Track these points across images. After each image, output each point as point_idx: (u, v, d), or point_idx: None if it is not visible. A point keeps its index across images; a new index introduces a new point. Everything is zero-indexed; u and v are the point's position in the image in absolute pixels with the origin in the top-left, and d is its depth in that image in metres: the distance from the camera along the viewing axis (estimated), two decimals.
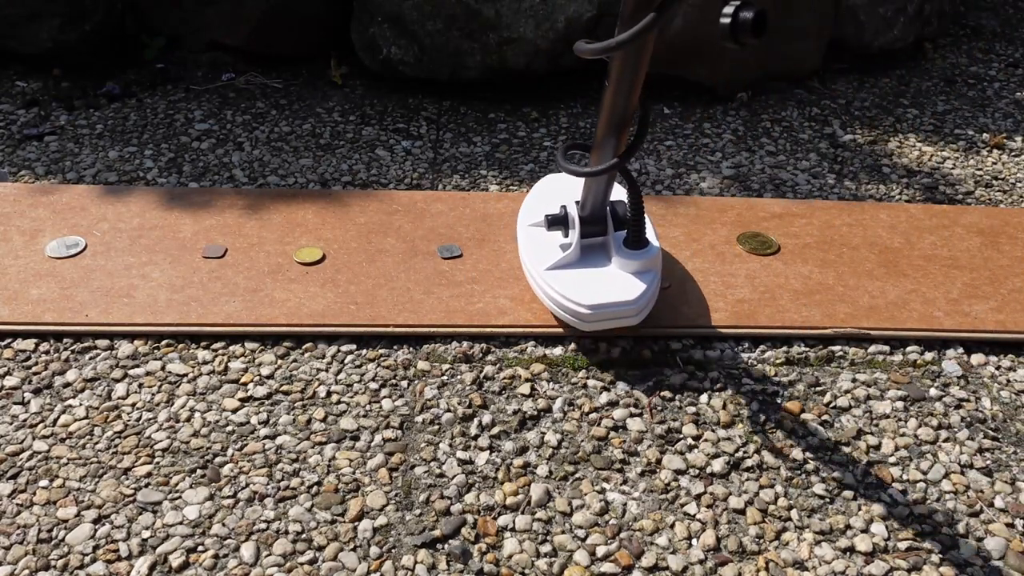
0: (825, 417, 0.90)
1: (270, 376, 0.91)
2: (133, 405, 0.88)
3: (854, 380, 0.94)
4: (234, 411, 0.87)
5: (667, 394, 0.92)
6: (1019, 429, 0.90)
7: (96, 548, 0.74)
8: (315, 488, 0.80)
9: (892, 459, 0.86)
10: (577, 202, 0.98)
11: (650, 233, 0.99)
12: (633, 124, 0.85)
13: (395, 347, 0.96)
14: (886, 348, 0.98)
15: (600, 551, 0.76)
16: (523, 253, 1.03)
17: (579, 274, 0.96)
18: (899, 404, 0.92)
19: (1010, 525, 0.79)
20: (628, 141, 0.87)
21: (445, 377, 0.92)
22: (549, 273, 0.96)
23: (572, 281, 0.95)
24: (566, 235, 0.99)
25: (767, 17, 0.66)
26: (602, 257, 0.98)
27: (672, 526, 0.78)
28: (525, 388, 0.91)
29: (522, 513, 0.79)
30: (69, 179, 1.24)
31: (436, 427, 0.87)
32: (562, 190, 1.08)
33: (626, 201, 0.95)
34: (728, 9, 0.66)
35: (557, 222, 0.98)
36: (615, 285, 0.94)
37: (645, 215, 0.96)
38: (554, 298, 0.95)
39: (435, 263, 1.07)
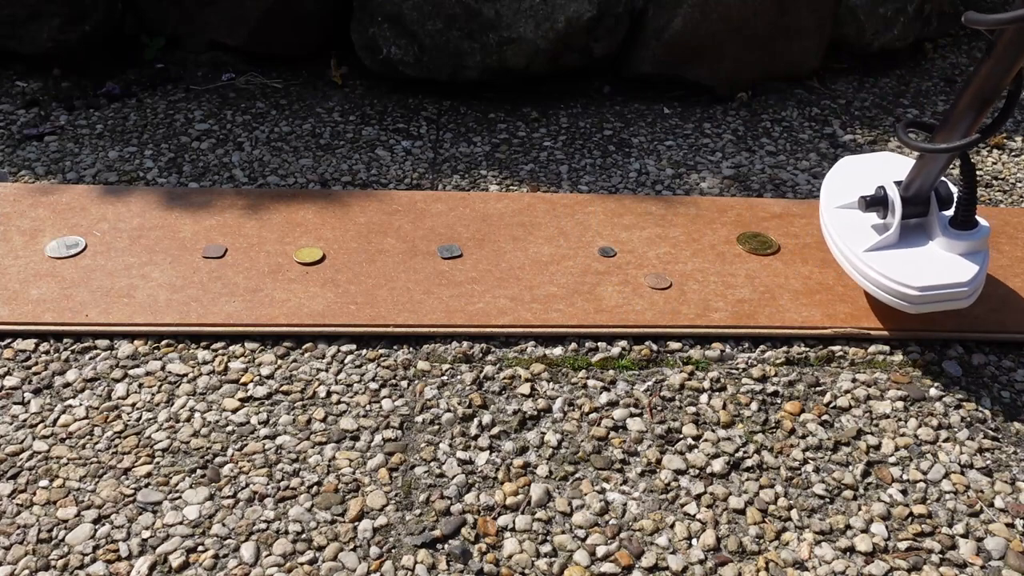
0: (825, 417, 0.90)
1: (270, 376, 0.91)
2: (133, 405, 0.88)
3: (854, 380, 0.94)
4: (234, 411, 0.87)
5: (667, 394, 0.92)
6: (1019, 429, 0.90)
7: (96, 548, 0.74)
8: (315, 488, 0.80)
9: (892, 459, 0.86)
10: (897, 183, 0.96)
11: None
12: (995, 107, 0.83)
13: (395, 347, 0.96)
14: (886, 348, 0.98)
15: (600, 551, 0.76)
16: (833, 235, 1.00)
17: (903, 254, 0.93)
18: (899, 404, 0.92)
19: (1010, 525, 0.79)
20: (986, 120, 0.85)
21: (445, 377, 0.92)
22: (870, 255, 0.94)
23: (897, 262, 0.92)
24: (883, 216, 0.97)
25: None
26: (920, 238, 0.96)
27: (672, 526, 0.78)
28: (525, 388, 0.91)
29: (522, 513, 0.79)
30: (69, 179, 1.24)
31: (436, 427, 0.87)
32: (867, 172, 1.06)
33: (946, 180, 0.92)
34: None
35: (876, 203, 0.96)
36: (945, 266, 0.91)
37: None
38: (877, 280, 0.92)
39: (435, 263, 1.07)
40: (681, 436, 0.87)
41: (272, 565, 0.73)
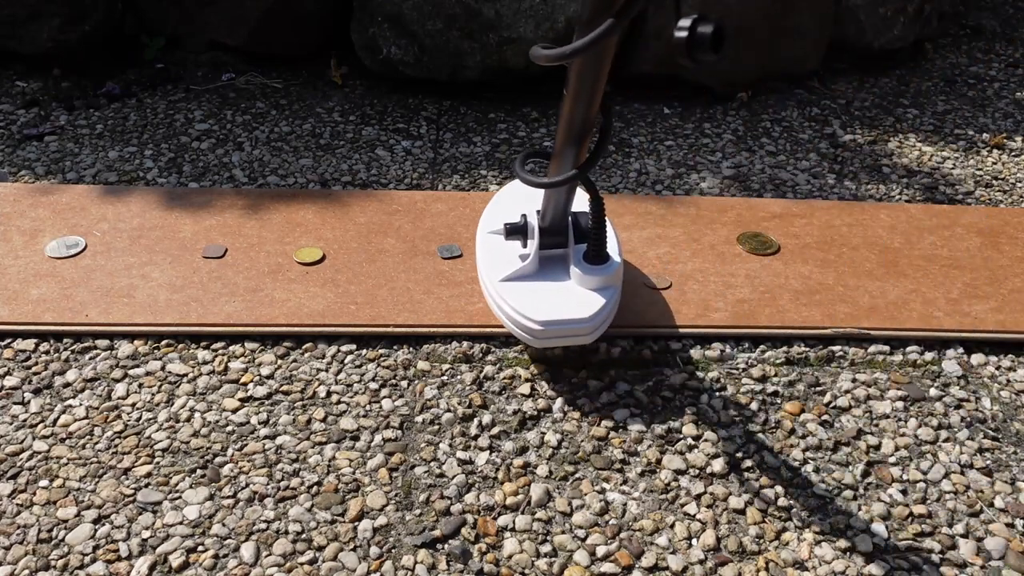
0: (825, 417, 0.90)
1: (270, 376, 0.91)
2: (133, 405, 0.88)
3: (854, 380, 0.94)
4: (234, 411, 0.87)
5: (667, 394, 0.92)
6: (1019, 429, 0.90)
7: (96, 548, 0.74)
8: (315, 488, 0.80)
9: (892, 459, 0.86)
10: (538, 211, 0.94)
11: (613, 247, 0.94)
12: (595, 134, 0.81)
13: (395, 347, 0.96)
14: (886, 348, 0.98)
15: (600, 551, 0.76)
16: (479, 261, 0.99)
17: (535, 287, 0.92)
18: (899, 404, 0.92)
19: (1010, 525, 0.79)
20: (589, 150, 0.83)
21: (445, 377, 0.92)
22: (503, 285, 0.93)
23: (526, 294, 0.91)
24: (525, 245, 0.95)
25: (725, 32, 0.61)
26: (560, 271, 0.94)
27: (672, 526, 0.78)
28: (525, 388, 0.91)
29: (522, 513, 0.79)
30: (69, 179, 1.24)
31: (436, 427, 0.87)
32: (527, 197, 1.04)
33: (587, 213, 0.90)
34: (684, 23, 0.61)
35: (516, 231, 0.94)
36: (571, 301, 0.90)
37: (608, 227, 0.92)
38: (506, 311, 0.91)
39: (435, 263, 1.07)
40: (681, 436, 0.87)
41: (272, 565, 0.73)
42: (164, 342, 0.95)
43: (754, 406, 0.91)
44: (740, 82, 1.54)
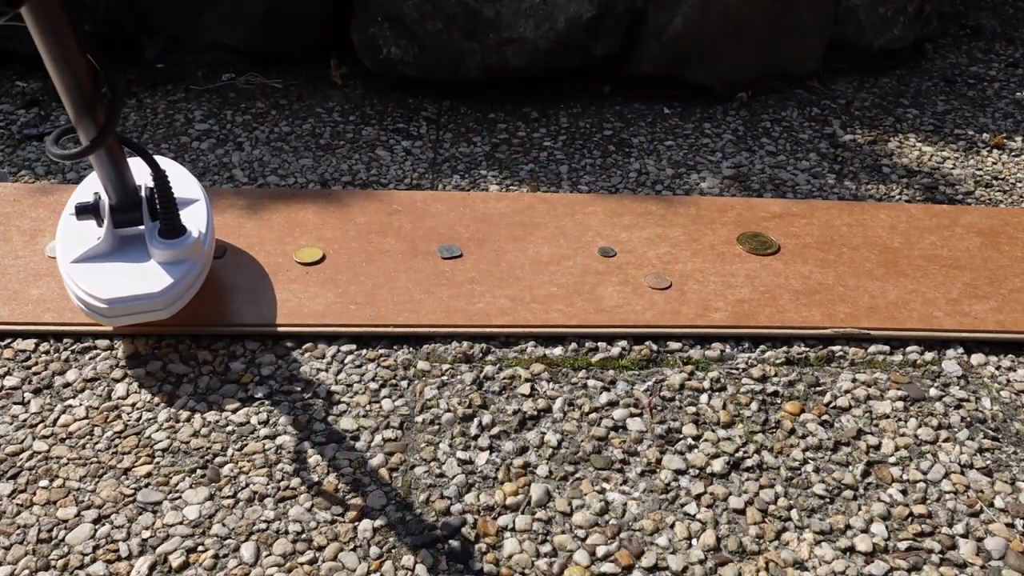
0: (825, 417, 0.90)
1: (270, 376, 0.91)
2: (133, 405, 0.88)
3: (854, 380, 0.94)
4: (234, 411, 0.87)
5: (667, 394, 0.92)
6: (1019, 429, 0.90)
7: (96, 548, 0.74)
8: (315, 488, 0.80)
9: (892, 459, 0.86)
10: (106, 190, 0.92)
11: (198, 220, 0.92)
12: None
13: (395, 347, 0.96)
14: (886, 348, 0.98)
15: (600, 551, 0.76)
16: (56, 245, 0.95)
17: (106, 267, 0.89)
18: (899, 404, 0.92)
19: (1010, 525, 0.79)
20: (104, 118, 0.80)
21: (445, 377, 0.92)
22: (74, 266, 0.90)
23: (96, 274, 0.88)
24: (100, 224, 0.92)
25: None
26: (140, 249, 0.91)
27: (672, 526, 0.78)
28: (525, 388, 0.91)
29: (522, 513, 0.79)
30: (69, 179, 1.24)
31: (436, 427, 0.87)
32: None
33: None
34: None
35: (86, 211, 0.91)
36: (141, 277, 0.88)
37: (197, 201, 0.90)
38: (75, 292, 0.88)
39: (435, 263, 1.07)
40: (681, 436, 0.87)
41: (272, 565, 0.73)
42: (164, 342, 0.95)
43: (754, 406, 0.91)
44: (740, 82, 1.54)
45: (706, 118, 1.48)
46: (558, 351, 0.96)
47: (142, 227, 0.92)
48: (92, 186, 0.99)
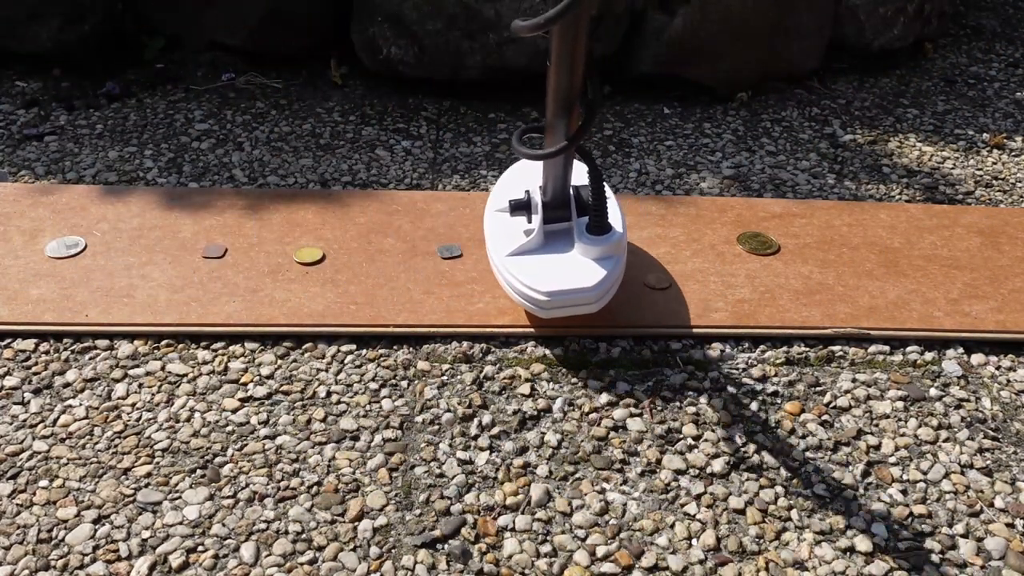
0: (825, 417, 0.90)
1: (270, 376, 0.91)
2: (133, 405, 0.88)
3: (854, 380, 0.94)
4: (234, 411, 0.87)
5: (667, 394, 0.92)
6: (1019, 429, 0.90)
7: (96, 548, 0.74)
8: (315, 488, 0.80)
9: (892, 459, 0.86)
10: (541, 187, 0.96)
11: (616, 218, 0.96)
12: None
13: (395, 347, 0.96)
14: (886, 348, 0.98)
15: (600, 551, 0.76)
16: (487, 239, 1.01)
17: (540, 260, 0.94)
18: (899, 404, 0.92)
19: (1010, 525, 0.79)
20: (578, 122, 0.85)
21: (445, 377, 0.92)
22: (510, 259, 0.95)
23: (532, 267, 0.93)
24: (530, 220, 0.97)
25: None
26: (567, 243, 0.96)
27: (672, 526, 0.78)
28: (525, 388, 0.91)
29: (522, 513, 0.79)
30: (69, 179, 1.24)
31: (436, 427, 0.87)
32: (531, 175, 1.05)
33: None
34: None
35: (520, 207, 0.96)
36: (574, 272, 0.92)
37: (609, 199, 0.94)
38: (513, 285, 0.93)
39: (435, 263, 1.07)
40: (681, 436, 0.87)
41: (272, 565, 0.73)
42: (164, 342, 0.95)
43: (754, 406, 0.91)
44: (740, 82, 1.54)
45: (706, 118, 1.48)
46: (558, 351, 0.96)
47: (568, 223, 0.96)
48: (513, 183, 1.05)
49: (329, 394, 0.90)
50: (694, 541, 0.77)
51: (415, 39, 1.44)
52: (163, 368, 0.92)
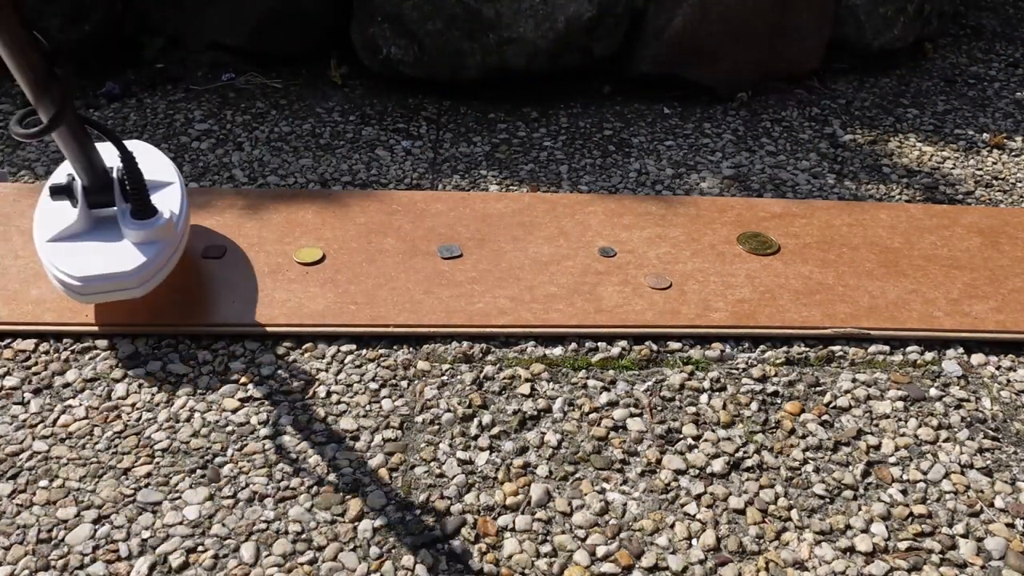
0: (825, 417, 0.90)
1: (270, 376, 0.91)
2: (133, 405, 0.88)
3: (854, 380, 0.94)
4: (234, 411, 0.87)
5: (667, 394, 0.92)
6: (1019, 429, 0.90)
7: (96, 548, 0.74)
8: (315, 488, 0.80)
9: (892, 459, 0.86)
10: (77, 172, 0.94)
11: (171, 202, 0.94)
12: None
13: (395, 347, 0.96)
14: (886, 348, 0.98)
15: (600, 551, 0.76)
16: (34, 225, 0.97)
17: (81, 247, 0.92)
18: (899, 404, 0.92)
19: (1010, 525, 0.79)
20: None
21: (445, 377, 0.92)
22: (50, 245, 0.92)
23: (70, 253, 0.91)
24: (75, 205, 0.94)
25: None
26: (114, 230, 0.94)
27: (672, 526, 0.78)
28: (525, 388, 0.91)
29: (522, 513, 0.79)
30: None
31: (436, 427, 0.87)
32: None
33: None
34: None
35: (61, 191, 0.93)
36: (115, 256, 0.90)
37: (172, 183, 0.92)
38: (51, 271, 0.91)
39: (435, 263, 1.07)
40: (681, 436, 0.87)
41: (272, 565, 0.73)
42: (164, 342, 0.95)
43: (754, 406, 0.91)
44: (740, 82, 1.54)
45: (706, 118, 1.48)
46: (558, 351, 0.96)
47: (115, 208, 0.94)
48: (68, 168, 1.01)
49: (329, 394, 0.90)
50: (694, 541, 0.77)
51: (415, 39, 1.44)
52: (163, 368, 0.92)
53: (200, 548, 0.74)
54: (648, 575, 0.74)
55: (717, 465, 0.84)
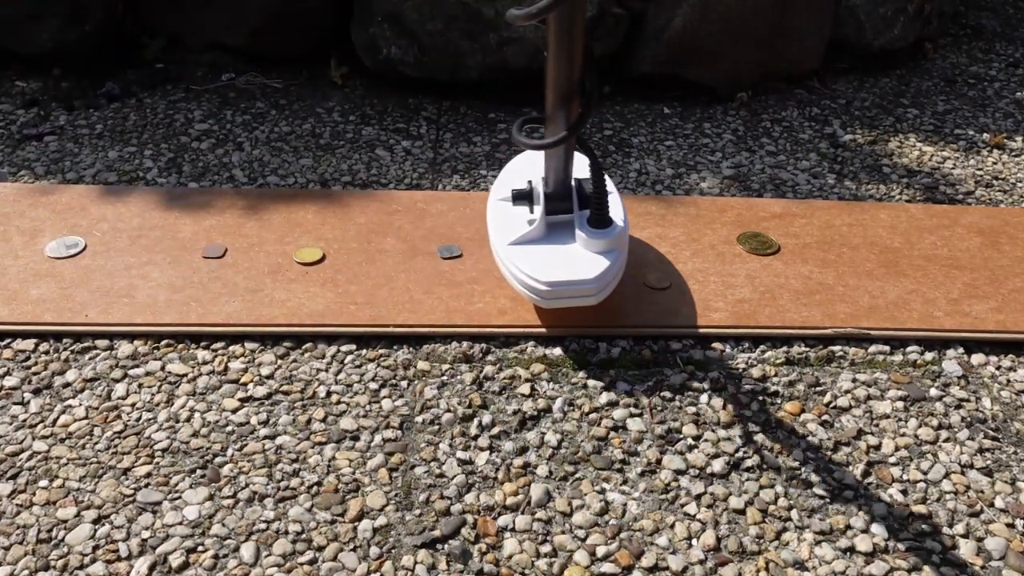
0: (825, 417, 0.90)
1: (270, 376, 0.91)
2: (133, 405, 0.88)
3: (854, 380, 0.94)
4: (234, 411, 0.87)
5: (667, 394, 0.92)
6: (1019, 429, 0.90)
7: (96, 548, 0.74)
8: (315, 488, 0.80)
9: (892, 459, 0.86)
10: (544, 178, 0.97)
11: (618, 212, 0.97)
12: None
13: (395, 347, 0.96)
14: (886, 348, 0.98)
15: (600, 551, 0.76)
16: (489, 227, 1.01)
17: (541, 250, 0.95)
18: (899, 404, 0.92)
19: (1010, 525, 0.79)
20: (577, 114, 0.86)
21: (445, 377, 0.92)
22: (511, 248, 0.96)
23: (533, 257, 0.94)
24: (532, 211, 0.97)
25: None
26: (567, 235, 0.96)
27: (672, 526, 0.78)
28: (525, 388, 0.91)
29: (522, 513, 0.79)
30: (69, 179, 1.24)
31: (436, 427, 0.87)
32: (535, 167, 1.06)
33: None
34: None
35: (522, 197, 0.97)
36: (576, 263, 0.92)
37: (612, 194, 0.95)
38: (514, 274, 0.94)
39: (435, 263, 1.07)
40: (681, 436, 0.87)
41: (272, 565, 0.73)
42: (164, 342, 0.95)
43: (754, 406, 0.91)
44: (740, 82, 1.54)
45: (706, 118, 1.48)
46: (558, 351, 0.96)
47: (570, 215, 0.96)
48: (517, 173, 1.05)
49: (329, 394, 0.90)
50: (694, 541, 0.77)
51: (415, 39, 1.44)
52: (163, 368, 0.92)
53: (200, 548, 0.74)
54: (648, 575, 0.74)
55: (717, 465, 0.84)
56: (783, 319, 1.00)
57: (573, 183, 0.97)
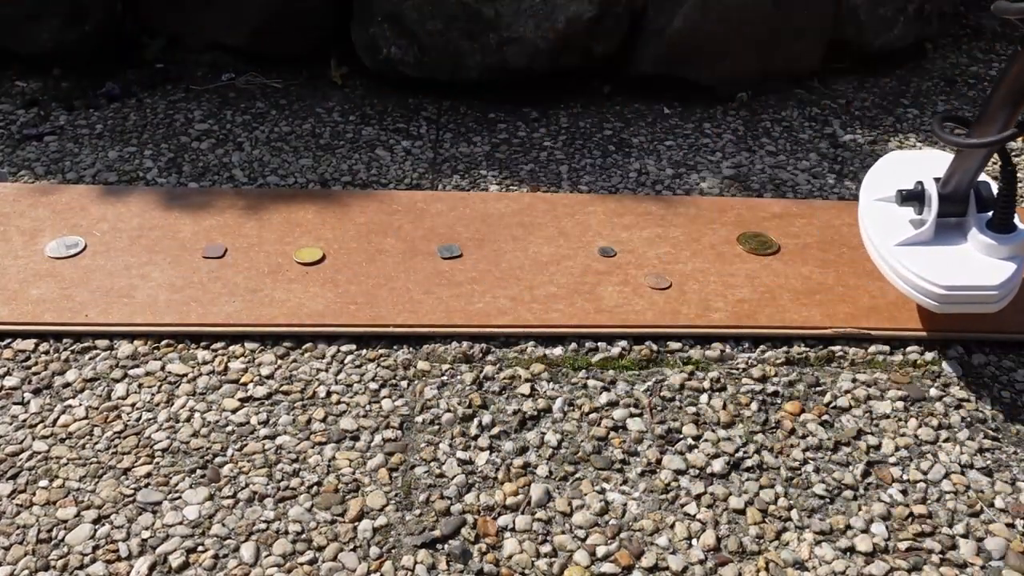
0: (825, 417, 0.90)
1: (270, 376, 0.91)
2: (133, 405, 0.88)
3: (854, 380, 0.94)
4: (234, 411, 0.87)
5: (667, 394, 0.92)
6: (1019, 429, 0.90)
7: (96, 548, 0.74)
8: (315, 488, 0.80)
9: (892, 459, 0.86)
10: (936, 179, 0.94)
11: (1017, 218, 0.94)
12: None
13: (395, 347, 0.96)
14: (886, 348, 0.98)
15: (600, 551, 0.76)
16: (868, 227, 0.99)
17: (934, 252, 0.92)
18: (899, 404, 0.92)
19: (1010, 525, 0.79)
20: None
21: (445, 377, 0.92)
22: (900, 249, 0.93)
23: (927, 259, 0.91)
24: (919, 212, 0.95)
25: None
26: (956, 238, 0.94)
27: (672, 526, 0.78)
28: (525, 388, 0.91)
29: (522, 513, 0.79)
30: (69, 179, 1.24)
31: (436, 427, 0.87)
32: (909, 167, 1.03)
33: (989, 182, 0.91)
34: None
35: (912, 197, 0.95)
36: (976, 268, 0.90)
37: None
38: (905, 276, 0.91)
39: (435, 263, 1.07)
40: (681, 436, 0.87)
41: (272, 565, 0.73)
42: (164, 342, 0.95)
43: (754, 406, 0.91)
44: (740, 82, 1.54)
45: (706, 118, 1.48)
46: (558, 351, 0.96)
47: (961, 218, 0.94)
48: (890, 173, 1.03)
49: (329, 394, 0.90)
50: (694, 541, 0.77)
51: (415, 39, 1.44)
52: (163, 368, 0.92)
53: (200, 548, 0.74)
54: (648, 575, 0.74)
55: (717, 465, 0.84)
56: (783, 319, 1.00)
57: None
